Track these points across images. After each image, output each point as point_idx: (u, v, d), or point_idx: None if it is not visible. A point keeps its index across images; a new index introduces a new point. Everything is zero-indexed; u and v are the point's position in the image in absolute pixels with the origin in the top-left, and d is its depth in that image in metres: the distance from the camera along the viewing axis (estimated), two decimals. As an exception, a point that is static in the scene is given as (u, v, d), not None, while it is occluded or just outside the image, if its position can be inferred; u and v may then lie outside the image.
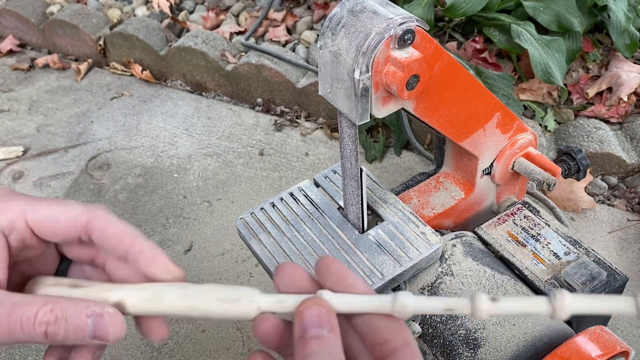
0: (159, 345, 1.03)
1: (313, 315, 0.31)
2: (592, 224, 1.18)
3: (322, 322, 0.31)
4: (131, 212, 1.29)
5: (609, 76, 1.35)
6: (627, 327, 1.01)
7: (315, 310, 0.32)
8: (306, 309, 0.32)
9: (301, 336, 0.31)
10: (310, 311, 0.32)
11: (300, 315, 0.32)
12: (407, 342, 0.33)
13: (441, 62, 0.65)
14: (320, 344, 0.30)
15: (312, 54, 1.54)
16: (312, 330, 0.31)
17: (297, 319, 0.32)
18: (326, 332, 0.31)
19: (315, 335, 0.31)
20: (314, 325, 0.31)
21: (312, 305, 0.32)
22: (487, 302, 0.33)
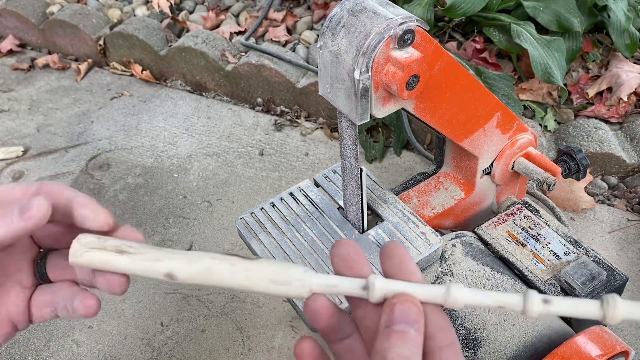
0: (158, 345, 1.03)
1: (405, 311, 0.31)
2: (592, 224, 1.18)
3: (411, 319, 0.31)
4: (131, 212, 1.29)
5: (609, 76, 1.35)
6: (627, 327, 1.01)
7: (408, 307, 0.32)
8: (400, 302, 0.32)
9: (387, 326, 0.31)
10: (403, 305, 0.32)
11: (392, 306, 0.32)
12: (453, 342, 0.33)
13: (441, 62, 0.65)
14: (404, 340, 0.31)
15: (312, 54, 1.54)
16: (400, 325, 0.31)
17: (388, 309, 0.32)
18: (413, 331, 0.31)
19: (401, 330, 0.31)
20: (403, 320, 0.31)
21: (406, 300, 0.32)
22: (540, 303, 0.33)
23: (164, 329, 1.06)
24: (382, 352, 0.30)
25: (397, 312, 0.31)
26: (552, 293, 0.72)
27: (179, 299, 1.11)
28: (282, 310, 1.07)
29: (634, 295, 1.05)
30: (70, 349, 1.04)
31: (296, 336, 1.02)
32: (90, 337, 1.05)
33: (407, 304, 0.32)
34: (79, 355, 1.03)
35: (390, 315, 0.31)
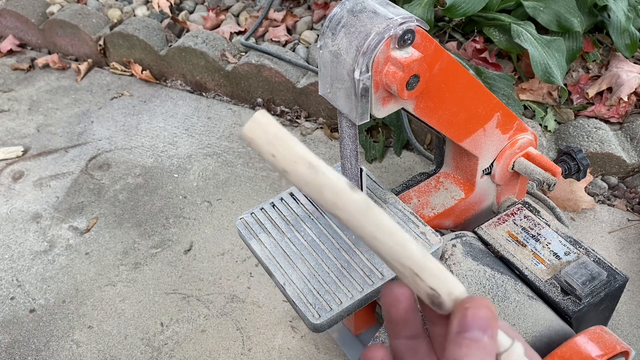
0: (159, 345, 1.03)
1: (478, 316, 0.29)
2: (592, 224, 1.18)
3: (484, 325, 0.29)
4: (131, 212, 1.29)
5: (609, 76, 1.35)
6: (627, 327, 1.01)
7: (482, 312, 0.29)
8: (473, 307, 0.29)
9: (459, 332, 0.29)
10: (476, 310, 0.29)
11: (464, 311, 0.29)
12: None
13: (441, 62, 0.65)
14: (477, 348, 0.28)
15: (312, 54, 1.54)
16: (473, 332, 0.29)
17: (459, 314, 0.29)
18: (486, 338, 0.29)
19: (474, 338, 0.29)
20: (476, 327, 0.29)
21: (480, 305, 0.29)
22: None
23: (164, 329, 1.06)
24: (453, 359, 0.29)
25: (469, 318, 0.29)
26: (552, 293, 0.72)
27: (179, 299, 1.11)
28: (282, 310, 1.07)
29: (634, 295, 1.05)
30: (70, 349, 1.04)
31: (296, 336, 1.02)
32: (90, 337, 1.05)
33: (482, 309, 0.29)
34: (79, 355, 1.03)
35: (463, 320, 0.29)
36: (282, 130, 0.28)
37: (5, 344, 1.06)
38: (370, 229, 0.29)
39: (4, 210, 1.33)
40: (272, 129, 0.28)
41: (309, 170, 0.28)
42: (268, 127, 0.28)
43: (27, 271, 1.18)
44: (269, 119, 0.28)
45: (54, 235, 1.26)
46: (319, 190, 0.29)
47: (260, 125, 0.28)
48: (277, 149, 0.28)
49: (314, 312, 0.67)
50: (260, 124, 0.28)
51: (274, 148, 0.28)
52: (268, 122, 0.28)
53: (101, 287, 1.14)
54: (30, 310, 1.11)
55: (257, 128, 0.28)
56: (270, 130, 0.28)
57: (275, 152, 0.28)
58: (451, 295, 0.30)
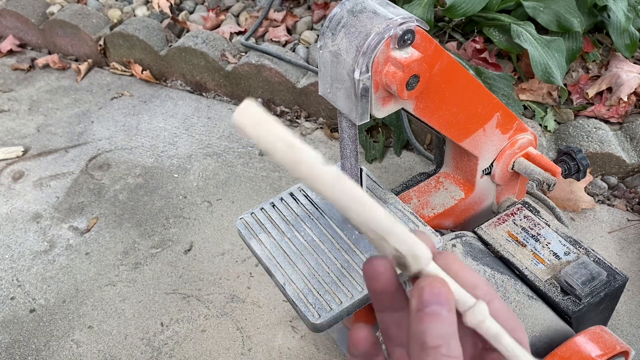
0: (159, 345, 1.03)
1: (434, 292, 0.31)
2: (592, 224, 1.18)
3: (442, 300, 0.30)
4: (131, 212, 1.29)
5: (609, 76, 1.35)
6: (627, 327, 1.01)
7: (437, 288, 0.31)
8: (428, 285, 0.31)
9: (419, 310, 0.30)
10: (432, 288, 0.31)
11: (420, 290, 0.31)
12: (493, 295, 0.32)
13: (441, 62, 0.65)
14: (438, 321, 0.30)
15: (312, 54, 1.54)
16: (432, 307, 0.30)
17: (417, 292, 0.31)
18: (445, 311, 0.30)
19: (434, 312, 0.30)
20: (434, 302, 0.30)
21: (434, 282, 0.31)
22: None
23: (164, 329, 1.06)
24: (418, 335, 0.30)
25: (426, 294, 0.31)
26: (552, 293, 0.72)
27: (179, 299, 1.11)
28: (282, 310, 1.07)
29: (634, 295, 1.05)
30: (70, 349, 1.04)
31: (296, 336, 1.02)
32: (90, 337, 1.06)
33: (436, 285, 0.31)
34: (79, 355, 1.03)
35: (420, 298, 0.31)
36: (265, 115, 0.32)
37: (5, 344, 1.06)
38: (343, 197, 0.33)
39: (4, 210, 1.33)
40: (256, 114, 0.32)
41: (287, 148, 0.32)
42: (253, 112, 0.32)
43: (27, 271, 1.18)
44: (254, 106, 0.32)
45: (54, 235, 1.26)
46: (297, 165, 0.32)
47: (247, 111, 0.32)
48: (260, 131, 0.32)
49: (314, 312, 0.67)
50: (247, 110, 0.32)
51: (258, 130, 0.32)
52: (253, 109, 0.32)
53: (101, 287, 1.14)
54: (31, 310, 1.11)
55: (244, 113, 0.32)
56: (255, 115, 0.32)
57: (259, 134, 0.32)
58: (414, 256, 0.32)
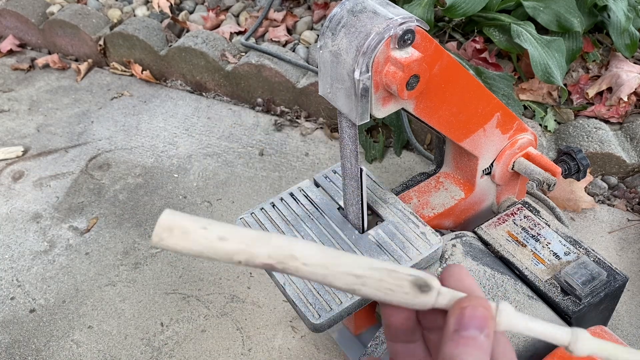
0: (159, 345, 1.03)
1: (476, 315, 0.29)
2: (592, 224, 1.18)
3: (482, 324, 0.29)
4: (131, 212, 1.29)
5: (609, 76, 1.35)
6: (627, 327, 1.01)
7: (479, 311, 0.29)
8: (471, 306, 0.30)
9: (456, 330, 0.29)
10: (474, 310, 0.29)
11: (462, 310, 0.30)
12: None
13: (441, 62, 0.65)
14: (474, 346, 0.29)
15: (312, 54, 1.54)
16: (470, 330, 0.29)
17: (457, 312, 0.30)
18: (483, 337, 0.29)
19: (471, 336, 0.29)
20: (475, 326, 0.29)
21: (478, 305, 0.30)
22: None
23: (164, 329, 1.06)
24: (450, 358, 0.29)
25: (467, 316, 0.29)
26: (552, 293, 0.72)
27: (179, 299, 1.11)
28: (282, 310, 1.07)
29: (634, 295, 1.05)
30: (70, 349, 1.04)
31: (296, 336, 1.02)
32: (90, 337, 1.05)
33: (479, 308, 0.30)
34: (79, 355, 1.03)
35: (460, 319, 0.29)
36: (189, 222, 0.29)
37: (5, 344, 1.06)
38: (318, 272, 0.31)
39: (4, 210, 1.33)
40: (180, 228, 0.29)
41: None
42: (179, 228, 0.29)
43: (27, 271, 1.18)
44: (174, 216, 0.29)
45: (54, 235, 1.26)
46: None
47: (172, 229, 0.29)
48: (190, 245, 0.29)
49: (314, 312, 0.67)
50: (170, 227, 0.29)
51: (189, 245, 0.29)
52: (174, 219, 0.29)
53: (101, 287, 1.14)
54: (30, 310, 1.11)
55: (170, 233, 0.29)
56: (182, 230, 0.29)
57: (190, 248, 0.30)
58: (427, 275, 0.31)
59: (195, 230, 0.29)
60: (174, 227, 0.29)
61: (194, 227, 0.29)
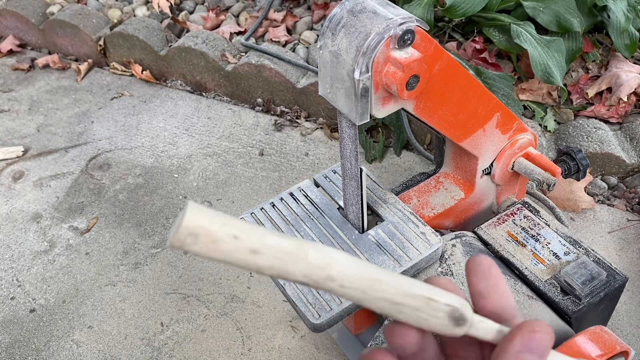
0: (159, 345, 1.03)
1: (544, 344, 0.30)
2: (592, 224, 1.18)
3: (544, 353, 0.30)
4: (131, 212, 1.29)
5: (609, 76, 1.35)
6: (627, 327, 1.01)
7: (548, 341, 0.30)
8: (543, 332, 0.30)
9: (520, 351, 0.30)
10: (544, 337, 0.30)
11: (532, 333, 0.30)
12: None
13: (441, 62, 0.66)
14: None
15: (312, 54, 1.54)
16: (533, 356, 0.29)
17: (527, 335, 0.30)
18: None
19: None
20: (538, 353, 0.30)
21: (548, 333, 0.30)
22: None
23: (164, 329, 1.06)
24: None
25: (535, 342, 0.30)
26: (552, 293, 0.72)
27: (179, 299, 1.11)
28: (282, 310, 1.07)
29: (634, 295, 1.05)
30: (70, 349, 1.04)
31: (296, 336, 1.03)
32: (90, 337, 1.06)
33: (547, 336, 0.30)
34: (79, 355, 1.03)
35: (528, 342, 0.30)
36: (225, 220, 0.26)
37: (5, 344, 1.06)
38: (369, 287, 0.29)
39: (4, 210, 1.33)
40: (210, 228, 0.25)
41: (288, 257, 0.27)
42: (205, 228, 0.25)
43: (27, 271, 1.18)
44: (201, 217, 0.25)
45: (54, 235, 1.26)
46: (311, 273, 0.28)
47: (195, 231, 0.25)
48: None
49: (314, 312, 0.67)
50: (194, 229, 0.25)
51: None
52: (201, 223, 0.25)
53: (101, 287, 1.14)
54: (31, 310, 1.11)
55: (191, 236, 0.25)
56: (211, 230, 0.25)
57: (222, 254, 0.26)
58: (463, 304, 0.30)
59: (225, 239, 0.25)
60: (200, 233, 0.25)
61: (224, 235, 0.25)
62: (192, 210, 0.25)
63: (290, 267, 0.27)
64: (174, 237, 0.25)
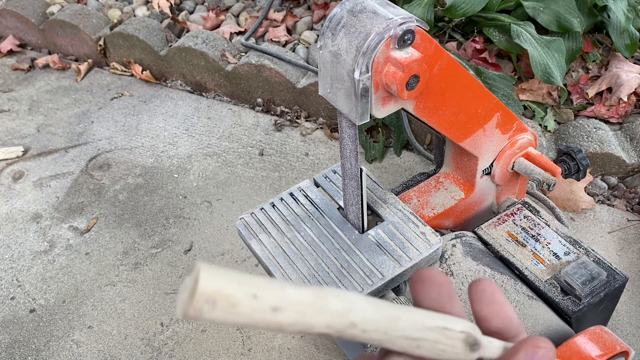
0: (159, 345, 1.03)
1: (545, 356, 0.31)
2: (592, 224, 1.18)
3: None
4: (131, 212, 1.29)
5: (609, 76, 1.35)
6: (627, 327, 1.01)
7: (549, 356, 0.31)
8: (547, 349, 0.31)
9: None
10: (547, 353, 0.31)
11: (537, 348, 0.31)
12: None
13: (441, 62, 0.66)
14: None
15: (312, 54, 1.54)
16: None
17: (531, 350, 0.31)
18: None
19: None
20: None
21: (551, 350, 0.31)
22: None
23: (164, 329, 1.06)
24: None
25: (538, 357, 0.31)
26: (552, 293, 0.72)
27: (179, 299, 1.10)
28: (282, 310, 1.07)
29: (634, 295, 1.05)
30: (70, 349, 1.04)
31: (296, 336, 1.03)
32: (90, 337, 1.06)
33: (550, 353, 0.31)
34: (79, 355, 1.03)
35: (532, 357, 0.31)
36: (235, 289, 0.23)
37: (5, 344, 1.06)
38: (377, 331, 0.28)
39: (4, 210, 1.33)
40: (227, 292, 0.23)
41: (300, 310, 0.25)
42: (222, 292, 0.23)
43: (27, 271, 1.18)
44: (217, 280, 0.23)
45: (54, 235, 1.26)
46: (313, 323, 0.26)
47: (212, 297, 0.23)
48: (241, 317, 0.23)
49: (314, 312, 0.67)
50: (211, 295, 0.23)
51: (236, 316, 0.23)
52: (218, 287, 0.23)
53: (101, 287, 1.14)
54: (30, 310, 1.11)
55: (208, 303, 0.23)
56: (227, 294, 0.23)
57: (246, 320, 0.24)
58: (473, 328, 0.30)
59: (244, 301, 0.23)
60: (218, 299, 0.23)
61: (243, 297, 0.23)
62: (205, 274, 0.23)
63: (313, 319, 0.26)
64: (189, 308, 0.22)
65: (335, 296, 0.27)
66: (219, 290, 0.23)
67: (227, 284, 0.23)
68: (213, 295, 0.23)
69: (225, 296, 0.23)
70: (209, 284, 0.23)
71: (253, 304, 0.24)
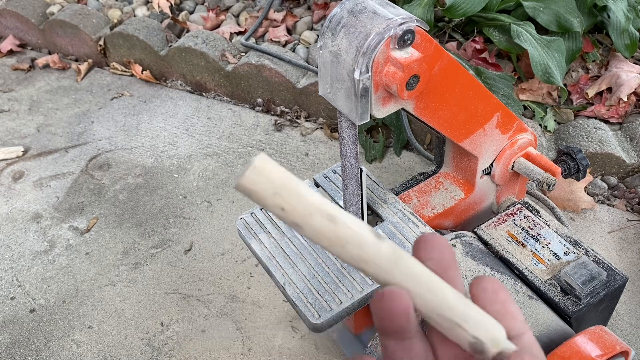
0: (159, 345, 1.03)
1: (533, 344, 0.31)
2: (592, 224, 1.18)
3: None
4: (131, 212, 1.29)
5: (609, 76, 1.35)
6: (627, 327, 1.01)
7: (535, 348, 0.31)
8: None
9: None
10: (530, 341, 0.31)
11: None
12: None
13: (441, 63, 0.66)
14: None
15: (312, 54, 1.54)
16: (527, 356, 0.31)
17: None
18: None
19: None
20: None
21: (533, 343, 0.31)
22: None
23: (164, 329, 1.06)
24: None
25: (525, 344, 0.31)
26: (552, 293, 0.72)
27: (179, 299, 1.11)
28: (282, 310, 1.07)
29: (634, 295, 1.05)
30: (70, 349, 1.04)
31: (296, 336, 1.03)
32: (90, 337, 1.06)
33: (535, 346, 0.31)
34: (79, 355, 1.03)
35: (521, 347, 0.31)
36: (290, 177, 0.24)
37: (5, 344, 1.06)
38: (403, 280, 0.27)
39: (4, 210, 1.33)
40: (277, 176, 0.24)
41: (327, 222, 0.25)
42: (272, 175, 0.24)
43: (27, 271, 1.18)
44: (272, 165, 0.24)
45: (54, 235, 1.26)
46: (342, 244, 0.25)
47: (263, 174, 0.24)
48: (286, 201, 0.24)
49: (314, 312, 0.67)
50: (263, 172, 0.24)
51: (282, 200, 0.24)
52: (272, 169, 0.24)
53: (101, 287, 1.14)
54: (31, 310, 1.11)
55: (258, 178, 0.24)
56: (276, 178, 0.24)
57: (285, 205, 0.24)
58: (494, 340, 0.29)
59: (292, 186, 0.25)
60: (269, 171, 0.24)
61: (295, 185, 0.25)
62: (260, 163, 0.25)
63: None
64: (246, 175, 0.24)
65: (389, 245, 0.27)
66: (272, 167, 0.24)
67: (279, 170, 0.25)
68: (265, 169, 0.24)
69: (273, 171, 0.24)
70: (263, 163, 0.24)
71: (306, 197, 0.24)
